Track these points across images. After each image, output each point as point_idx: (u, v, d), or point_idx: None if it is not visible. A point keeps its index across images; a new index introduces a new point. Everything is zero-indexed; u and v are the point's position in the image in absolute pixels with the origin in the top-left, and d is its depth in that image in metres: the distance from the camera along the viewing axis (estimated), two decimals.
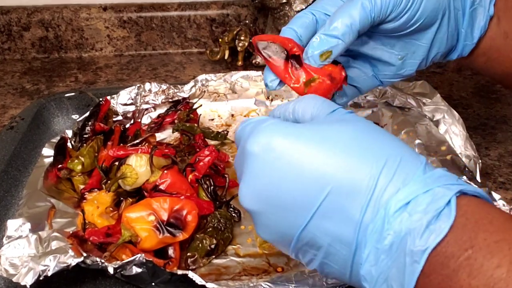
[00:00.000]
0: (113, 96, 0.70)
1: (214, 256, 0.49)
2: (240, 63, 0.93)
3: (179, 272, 0.42)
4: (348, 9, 0.40)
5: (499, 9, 0.47)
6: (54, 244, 0.45)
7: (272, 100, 0.76)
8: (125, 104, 0.71)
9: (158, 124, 0.70)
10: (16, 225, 0.48)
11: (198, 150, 0.62)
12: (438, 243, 0.27)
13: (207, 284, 0.41)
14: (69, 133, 0.64)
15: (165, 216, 0.47)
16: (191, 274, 0.42)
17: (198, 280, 0.41)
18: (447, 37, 0.46)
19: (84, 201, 0.53)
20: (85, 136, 0.62)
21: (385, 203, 0.29)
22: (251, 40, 0.92)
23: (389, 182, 0.29)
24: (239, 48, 0.91)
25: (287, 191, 0.32)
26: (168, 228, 0.47)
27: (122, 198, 0.53)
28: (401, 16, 0.42)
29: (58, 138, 0.61)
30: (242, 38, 0.91)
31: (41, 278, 0.41)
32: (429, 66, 0.49)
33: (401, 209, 0.28)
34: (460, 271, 0.26)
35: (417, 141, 0.62)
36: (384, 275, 0.29)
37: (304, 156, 0.31)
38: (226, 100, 0.76)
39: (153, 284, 0.44)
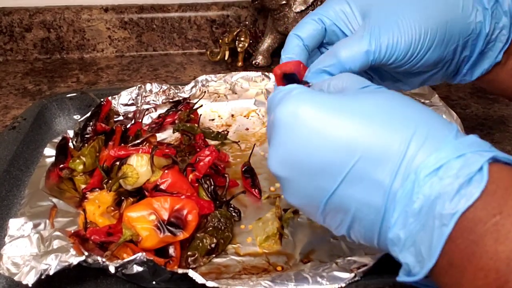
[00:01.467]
0: (114, 96, 0.71)
1: (214, 255, 0.49)
2: (240, 63, 0.93)
3: (180, 271, 0.42)
4: (352, 52, 0.40)
5: (509, 52, 0.46)
6: (56, 243, 0.45)
7: None
8: (126, 105, 0.72)
9: (159, 124, 0.71)
10: (18, 224, 0.48)
11: (198, 150, 0.62)
12: (467, 208, 0.27)
13: (207, 283, 0.41)
14: (71, 133, 0.64)
15: (165, 216, 0.47)
16: (191, 273, 0.42)
17: (199, 279, 0.42)
18: (442, 77, 0.46)
19: (86, 200, 0.54)
20: (86, 136, 0.62)
21: (416, 168, 0.29)
22: (251, 41, 0.93)
23: (419, 148, 0.29)
24: (239, 49, 0.92)
25: (314, 157, 0.32)
26: (169, 227, 0.47)
27: (123, 198, 0.53)
28: (402, 65, 0.42)
29: (60, 138, 0.61)
30: (242, 39, 0.91)
31: (42, 277, 0.42)
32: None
33: (432, 173, 0.28)
34: (487, 237, 0.26)
35: None
36: (412, 238, 0.29)
37: (332, 123, 0.31)
38: (226, 100, 0.77)
39: (153, 282, 0.44)
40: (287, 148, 0.33)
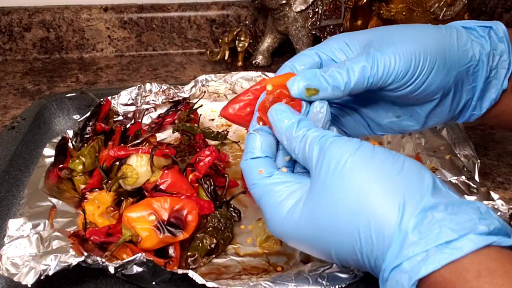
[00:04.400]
0: (113, 96, 0.71)
1: (214, 256, 0.49)
2: (240, 63, 0.93)
3: (180, 271, 0.42)
4: (350, 66, 0.38)
5: None
6: (55, 244, 0.45)
7: None
8: (126, 104, 0.72)
9: (159, 124, 0.71)
10: (17, 225, 0.48)
11: (198, 150, 0.62)
12: None
13: (207, 283, 0.41)
14: (70, 133, 0.64)
15: (165, 216, 0.47)
16: (191, 273, 0.42)
17: (199, 279, 0.42)
18: (449, 110, 0.45)
19: (85, 200, 0.54)
20: (86, 136, 0.62)
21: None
22: (251, 41, 0.93)
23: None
24: (239, 49, 0.91)
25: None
26: (169, 227, 0.47)
27: (122, 198, 0.53)
28: (403, 89, 0.40)
29: (59, 138, 0.61)
30: (242, 38, 0.91)
31: (42, 278, 0.42)
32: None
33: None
34: None
35: (417, 141, 0.62)
36: None
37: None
38: (226, 100, 0.77)
39: (153, 283, 0.44)
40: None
